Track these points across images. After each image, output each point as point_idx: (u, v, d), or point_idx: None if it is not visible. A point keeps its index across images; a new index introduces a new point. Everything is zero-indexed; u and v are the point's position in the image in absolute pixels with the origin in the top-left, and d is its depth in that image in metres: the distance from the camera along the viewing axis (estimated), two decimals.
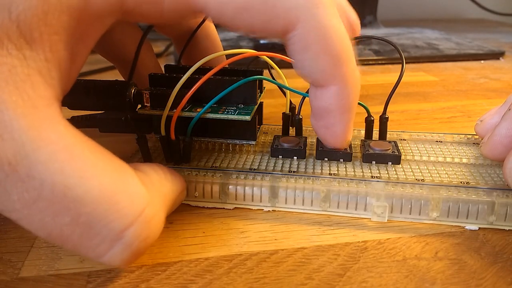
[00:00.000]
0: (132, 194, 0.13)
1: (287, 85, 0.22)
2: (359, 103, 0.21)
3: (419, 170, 0.20)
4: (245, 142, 0.21)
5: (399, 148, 0.21)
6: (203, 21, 0.23)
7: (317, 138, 0.22)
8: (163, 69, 0.23)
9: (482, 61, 0.48)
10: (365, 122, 0.22)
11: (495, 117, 0.21)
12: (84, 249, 0.13)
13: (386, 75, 0.42)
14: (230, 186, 0.19)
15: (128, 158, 0.21)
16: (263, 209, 0.19)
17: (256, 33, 0.15)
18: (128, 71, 0.24)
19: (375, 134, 0.22)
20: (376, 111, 0.22)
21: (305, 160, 0.20)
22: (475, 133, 0.23)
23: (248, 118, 0.19)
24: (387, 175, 0.19)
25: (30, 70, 0.12)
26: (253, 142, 0.20)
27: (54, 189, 0.12)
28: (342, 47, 0.16)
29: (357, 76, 0.17)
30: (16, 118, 0.11)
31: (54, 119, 0.12)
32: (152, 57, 0.24)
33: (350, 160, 0.20)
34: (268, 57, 0.22)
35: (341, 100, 0.16)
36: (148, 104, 0.19)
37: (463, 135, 0.23)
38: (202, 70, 0.19)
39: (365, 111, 0.22)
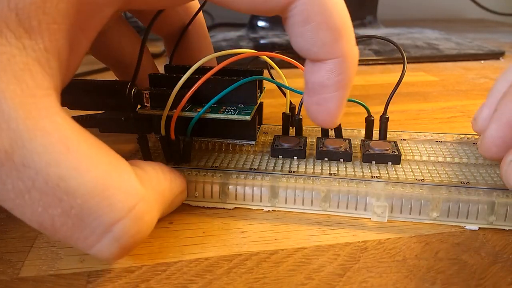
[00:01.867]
0: (126, 189, 0.13)
1: (287, 85, 0.22)
2: (359, 103, 0.21)
3: (419, 170, 0.20)
4: (245, 142, 0.21)
5: (399, 148, 0.21)
6: (194, 17, 0.23)
7: (317, 138, 0.22)
8: (159, 69, 0.23)
9: (482, 61, 0.48)
10: (365, 122, 0.22)
11: (484, 110, 0.20)
12: (74, 240, 0.13)
13: (386, 75, 0.42)
14: (230, 186, 0.18)
15: (128, 158, 0.21)
16: (263, 209, 0.19)
17: (258, 8, 0.15)
18: (123, 73, 0.24)
19: (375, 134, 0.22)
20: (376, 111, 0.22)
21: (305, 160, 0.20)
22: (475, 133, 0.23)
23: (248, 118, 0.19)
24: (387, 175, 0.19)
25: (29, 60, 0.12)
26: (253, 142, 0.20)
27: (48, 180, 0.12)
28: (343, 21, 0.15)
29: (356, 52, 0.16)
30: (14, 108, 0.11)
31: (51, 109, 0.12)
32: (148, 58, 0.24)
33: (350, 160, 0.20)
34: (268, 57, 0.22)
35: (338, 75, 0.16)
36: (148, 104, 0.19)
37: (463, 135, 0.23)
38: (202, 70, 0.19)
39: (365, 111, 0.22)
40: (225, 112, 0.19)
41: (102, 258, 0.14)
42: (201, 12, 0.24)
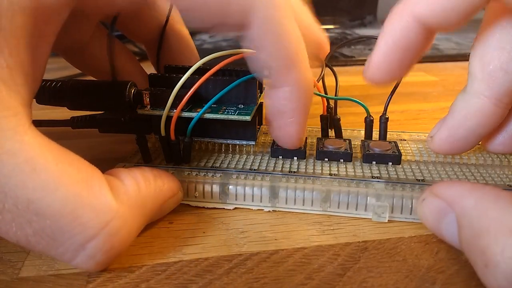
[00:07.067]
0: (97, 206, 0.13)
1: None
2: (359, 103, 0.21)
3: (419, 170, 0.20)
4: (245, 142, 0.21)
5: (399, 148, 0.21)
6: (167, 19, 0.23)
7: (317, 138, 0.22)
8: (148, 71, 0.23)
9: None
10: (365, 122, 0.22)
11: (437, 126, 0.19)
12: (52, 255, 0.13)
13: None
14: (230, 186, 0.18)
15: (128, 158, 0.21)
16: (263, 209, 0.19)
17: (212, 21, 0.15)
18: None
19: (375, 134, 0.22)
20: (376, 111, 0.22)
21: (305, 160, 0.20)
22: None
23: (248, 118, 0.19)
24: (387, 175, 0.19)
25: None
26: (253, 142, 0.20)
27: (17, 202, 0.12)
28: (295, 51, 0.15)
29: (309, 80, 0.17)
30: None
31: (18, 128, 0.12)
32: (133, 62, 0.24)
33: (350, 160, 0.20)
34: None
35: (294, 102, 0.16)
36: (148, 104, 0.19)
37: None
38: (201, 70, 0.19)
39: (365, 111, 0.22)
40: (225, 112, 0.19)
41: (84, 270, 0.14)
42: (178, 12, 0.23)
